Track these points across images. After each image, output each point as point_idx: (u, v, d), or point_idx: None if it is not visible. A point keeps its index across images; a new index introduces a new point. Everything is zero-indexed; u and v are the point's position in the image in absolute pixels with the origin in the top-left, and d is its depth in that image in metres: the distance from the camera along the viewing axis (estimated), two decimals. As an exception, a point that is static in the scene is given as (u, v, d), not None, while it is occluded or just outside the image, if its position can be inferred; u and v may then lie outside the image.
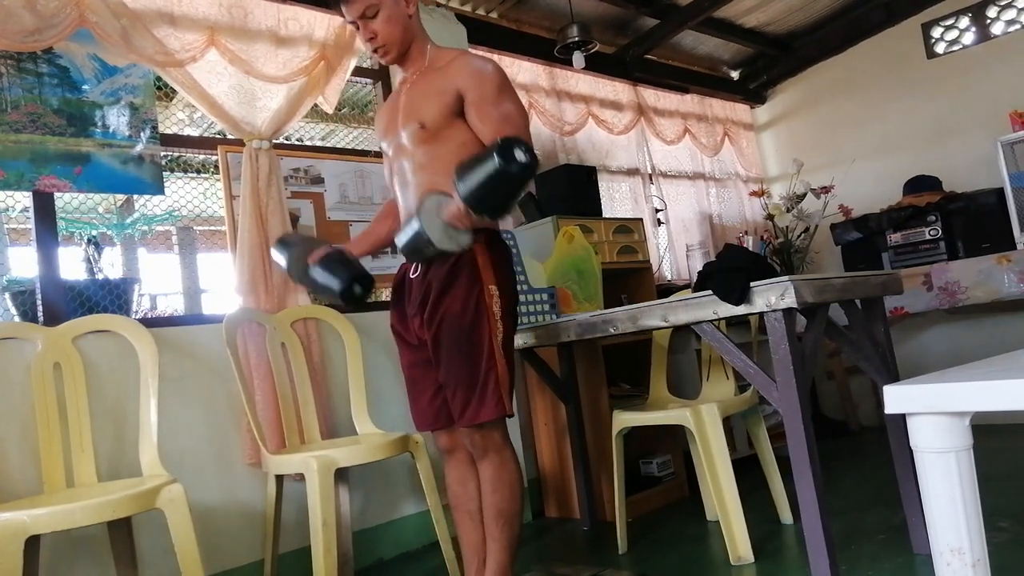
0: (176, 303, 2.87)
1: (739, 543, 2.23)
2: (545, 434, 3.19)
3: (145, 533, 2.16)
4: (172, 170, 2.69)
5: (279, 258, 2.02)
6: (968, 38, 4.35)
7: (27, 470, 2.07)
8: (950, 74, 4.36)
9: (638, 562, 2.41)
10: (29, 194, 2.28)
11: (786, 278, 1.77)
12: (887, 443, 2.14)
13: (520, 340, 2.55)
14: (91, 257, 2.41)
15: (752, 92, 5.15)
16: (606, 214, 3.80)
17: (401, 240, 1.74)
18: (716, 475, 2.30)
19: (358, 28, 1.87)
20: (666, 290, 3.59)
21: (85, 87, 2.40)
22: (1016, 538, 2.09)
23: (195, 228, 2.87)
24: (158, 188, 2.53)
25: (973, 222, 3.74)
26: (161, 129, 2.59)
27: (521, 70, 3.81)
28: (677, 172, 4.64)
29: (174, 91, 2.64)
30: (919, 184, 4.03)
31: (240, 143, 2.67)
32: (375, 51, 1.89)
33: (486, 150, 1.58)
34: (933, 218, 3.81)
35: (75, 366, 2.16)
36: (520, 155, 1.54)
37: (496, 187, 1.56)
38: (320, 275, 1.93)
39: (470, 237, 1.71)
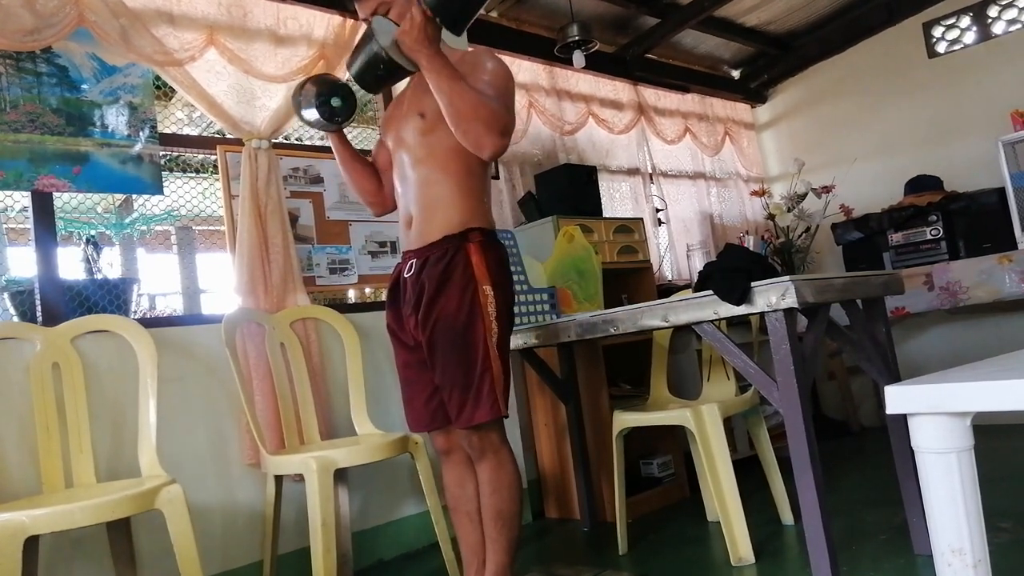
0: (175, 303, 2.86)
1: (740, 544, 2.22)
2: (545, 434, 3.19)
3: (144, 534, 2.15)
4: (171, 170, 2.68)
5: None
6: (969, 37, 4.34)
7: (26, 470, 2.07)
8: (951, 74, 4.35)
9: (638, 563, 2.40)
10: (28, 194, 2.28)
11: (787, 278, 1.76)
12: (888, 443, 2.14)
13: (520, 340, 2.55)
14: (90, 257, 2.41)
15: (753, 91, 5.15)
16: (606, 214, 3.79)
17: (355, 62, 1.75)
18: (717, 476, 2.29)
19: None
20: (667, 290, 3.58)
21: (84, 86, 2.40)
22: (1017, 539, 2.08)
23: (194, 228, 2.87)
24: (157, 188, 2.53)
25: (974, 222, 3.73)
26: (160, 128, 2.59)
27: (521, 69, 3.81)
28: (678, 172, 4.64)
29: (173, 90, 2.64)
30: (920, 184, 4.02)
31: (239, 143, 2.67)
32: None
33: None
34: (934, 218, 3.80)
35: (74, 366, 2.15)
36: None
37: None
38: (308, 114, 1.98)
39: (426, 54, 1.66)
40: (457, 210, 1.81)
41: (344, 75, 2.92)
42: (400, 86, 3.14)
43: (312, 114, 1.97)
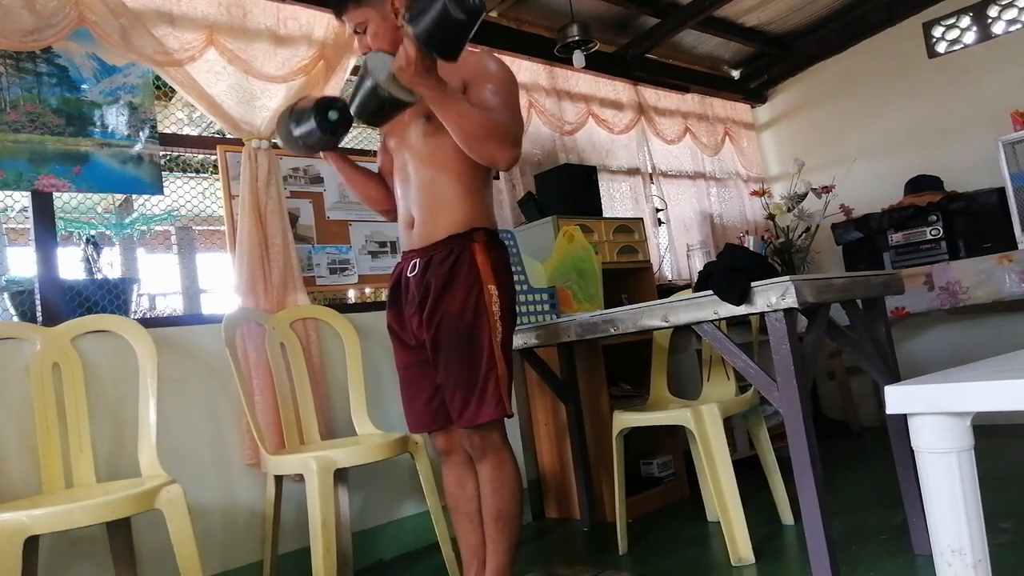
0: (175, 303, 2.86)
1: (740, 544, 2.22)
2: (545, 434, 3.19)
3: (144, 534, 2.15)
4: (171, 170, 2.68)
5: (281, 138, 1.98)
6: (969, 37, 4.34)
7: (26, 470, 2.07)
8: (951, 74, 4.35)
9: (638, 563, 2.40)
10: (28, 194, 2.28)
11: (787, 278, 1.76)
12: (888, 443, 2.13)
13: (520, 340, 2.55)
14: (90, 257, 2.41)
15: (753, 91, 5.15)
16: (606, 214, 3.79)
17: (355, 100, 1.71)
18: (717, 476, 2.29)
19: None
20: (667, 290, 3.58)
21: (84, 86, 2.40)
22: (1017, 539, 2.08)
23: (194, 228, 2.87)
24: (157, 188, 2.53)
25: (974, 222, 3.73)
26: (160, 129, 2.59)
27: (521, 69, 3.81)
28: (678, 172, 4.64)
29: (173, 90, 2.64)
30: (920, 184, 4.02)
31: (239, 143, 2.67)
32: None
33: None
34: (934, 218, 3.80)
35: (74, 366, 2.15)
36: None
37: (446, 25, 1.54)
38: (304, 127, 1.92)
39: (425, 85, 1.64)
40: (461, 210, 1.82)
41: (344, 74, 2.93)
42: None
43: (309, 126, 1.91)
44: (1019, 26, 4.16)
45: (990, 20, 4.27)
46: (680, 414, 2.39)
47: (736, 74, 5.11)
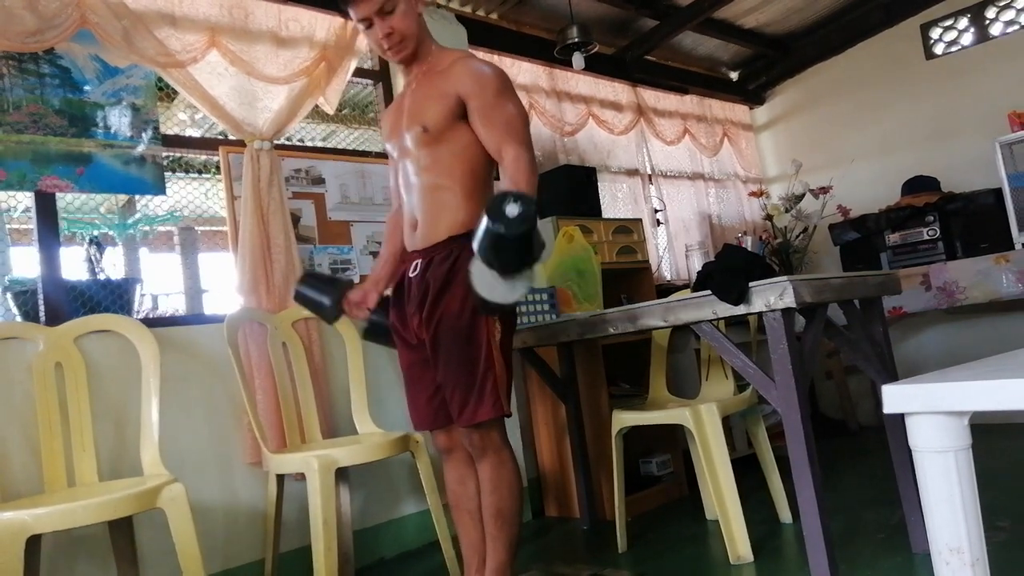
0: (178, 303, 2.87)
1: (739, 542, 2.24)
2: (545, 434, 3.20)
3: (146, 532, 2.16)
4: (174, 170, 2.69)
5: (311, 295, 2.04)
6: (967, 39, 4.36)
7: (28, 469, 2.08)
8: (949, 75, 4.37)
9: (638, 561, 2.41)
10: (31, 194, 2.29)
11: (785, 278, 1.78)
12: (886, 442, 2.15)
13: (520, 340, 2.56)
14: (93, 257, 2.42)
15: (751, 93, 5.16)
16: (606, 214, 3.80)
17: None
18: (715, 474, 2.30)
19: (369, 26, 1.84)
20: (665, 290, 3.60)
21: (87, 88, 2.41)
22: (1015, 538, 2.10)
23: (197, 228, 2.87)
24: (160, 188, 2.54)
25: (971, 222, 3.75)
26: (163, 130, 2.60)
27: (521, 71, 3.82)
28: (676, 172, 4.65)
29: (175, 92, 2.65)
30: (917, 184, 4.03)
31: (241, 144, 2.68)
32: (391, 48, 1.86)
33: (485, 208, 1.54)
34: (931, 218, 3.82)
35: (76, 366, 2.16)
36: (511, 209, 1.47)
37: (497, 248, 1.53)
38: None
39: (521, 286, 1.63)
40: (462, 212, 1.83)
41: (346, 75, 2.94)
42: (394, 85, 3.17)
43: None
44: (1017, 27, 4.17)
45: (988, 21, 4.29)
46: (679, 413, 2.40)
47: (735, 76, 5.12)
